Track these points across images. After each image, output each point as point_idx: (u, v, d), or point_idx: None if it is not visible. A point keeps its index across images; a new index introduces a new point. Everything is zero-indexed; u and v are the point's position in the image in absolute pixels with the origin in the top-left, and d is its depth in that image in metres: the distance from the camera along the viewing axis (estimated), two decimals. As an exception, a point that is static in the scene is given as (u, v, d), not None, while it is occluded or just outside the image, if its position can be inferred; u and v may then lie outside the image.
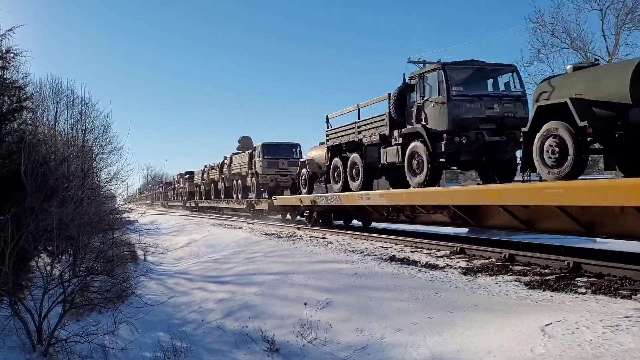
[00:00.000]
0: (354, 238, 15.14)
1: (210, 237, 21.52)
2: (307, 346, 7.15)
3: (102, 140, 17.42)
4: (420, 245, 12.49)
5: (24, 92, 10.59)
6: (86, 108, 16.61)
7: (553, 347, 4.89)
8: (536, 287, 7.45)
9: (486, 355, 5.27)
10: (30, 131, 10.81)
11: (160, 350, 8.07)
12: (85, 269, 9.50)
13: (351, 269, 10.11)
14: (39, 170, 8.64)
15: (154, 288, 12.99)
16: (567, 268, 8.38)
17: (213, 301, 10.67)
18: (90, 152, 16.11)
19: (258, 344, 7.65)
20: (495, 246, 11.15)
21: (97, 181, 16.90)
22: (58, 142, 14.13)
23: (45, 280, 7.92)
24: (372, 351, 6.39)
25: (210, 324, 9.33)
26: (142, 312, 9.30)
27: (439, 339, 6.01)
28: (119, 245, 13.22)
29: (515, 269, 8.93)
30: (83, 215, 9.97)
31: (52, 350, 7.52)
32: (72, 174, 12.68)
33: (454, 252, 11.09)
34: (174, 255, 19.03)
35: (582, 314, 5.60)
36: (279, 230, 20.19)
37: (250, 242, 17.03)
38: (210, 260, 15.85)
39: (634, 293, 6.61)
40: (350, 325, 7.28)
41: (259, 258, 13.78)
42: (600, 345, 4.70)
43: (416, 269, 9.54)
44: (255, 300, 9.81)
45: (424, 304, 7.24)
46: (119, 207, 16.23)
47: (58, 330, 7.76)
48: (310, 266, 11.13)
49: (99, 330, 8.08)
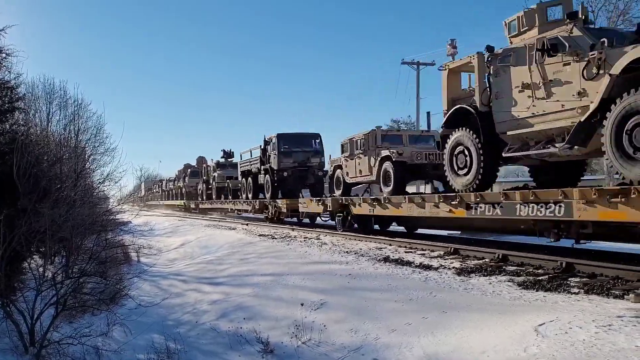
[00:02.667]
0: (348, 239, 15.14)
1: (204, 238, 21.46)
2: (301, 347, 7.15)
3: (95, 141, 17.26)
4: (414, 246, 12.51)
5: (16, 93, 10.56)
6: (79, 109, 16.48)
7: (546, 347, 4.91)
8: (529, 287, 7.48)
9: (480, 355, 5.28)
10: (22, 132, 10.76)
11: (154, 352, 8.04)
12: (78, 270, 9.45)
13: (345, 269, 10.11)
14: (31, 171, 8.61)
15: (148, 289, 12.94)
16: (560, 268, 8.42)
17: (207, 302, 10.64)
18: (83, 153, 16.00)
19: (252, 345, 7.64)
20: (489, 247, 11.20)
21: (90, 182, 16.80)
22: (51, 143, 14.05)
23: (38, 282, 7.87)
24: (367, 352, 6.39)
25: (205, 325, 9.30)
26: (135, 313, 9.27)
27: (433, 339, 6.02)
28: (112, 247, 13.16)
29: (509, 269, 8.97)
30: (76, 216, 9.92)
31: (45, 353, 7.48)
32: (64, 175, 12.60)
33: (447, 253, 11.12)
34: (168, 256, 18.96)
35: (575, 313, 5.63)
36: (273, 231, 20.17)
37: (244, 243, 17.00)
38: (204, 261, 15.81)
39: (626, 293, 6.64)
40: (344, 326, 7.28)
41: (253, 259, 13.75)
42: (593, 345, 4.72)
43: (410, 270, 9.55)
44: (250, 301, 9.79)
45: (418, 304, 7.26)
46: (112, 208, 16.16)
47: (51, 332, 7.71)
48: (304, 267, 11.13)
49: (92, 332, 8.05)
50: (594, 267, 8.04)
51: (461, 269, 9.20)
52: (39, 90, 16.27)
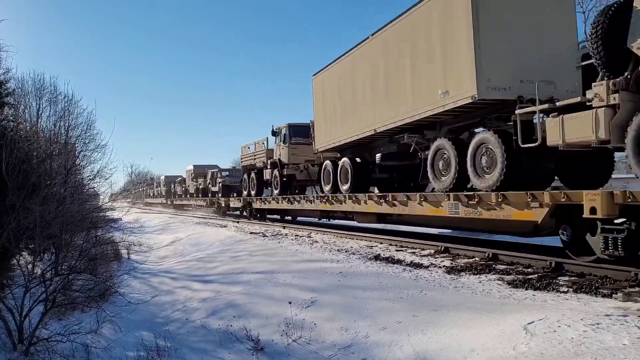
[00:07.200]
0: (339, 237, 15.17)
1: (195, 235, 21.40)
2: (291, 345, 7.15)
3: (85, 137, 17.07)
4: (405, 244, 12.56)
5: (6, 88, 10.45)
6: (69, 105, 16.28)
7: (535, 345, 4.95)
8: (519, 286, 7.54)
9: (470, 353, 5.32)
10: (11, 128, 10.66)
11: (144, 350, 8.00)
12: (68, 267, 9.37)
13: (336, 268, 10.12)
14: (20, 167, 8.54)
15: (138, 287, 12.88)
16: (550, 267, 8.49)
17: (197, 300, 10.61)
18: (74, 150, 15.83)
19: (243, 343, 7.63)
20: (479, 245, 11.26)
21: (80, 179, 16.65)
22: (40, 139, 13.88)
23: (27, 279, 7.82)
24: (357, 350, 6.41)
25: (195, 323, 9.28)
26: (125, 311, 9.21)
27: (423, 337, 6.05)
28: (102, 244, 13.06)
29: (499, 268, 9.02)
30: (66, 213, 9.83)
31: (34, 350, 7.43)
32: (54, 172, 12.48)
33: (438, 251, 11.17)
34: (158, 253, 18.86)
35: (564, 312, 5.68)
36: (264, 229, 20.17)
37: (235, 241, 16.97)
38: (194, 259, 15.77)
39: (614, 292, 6.71)
40: (335, 324, 7.29)
41: (244, 257, 13.73)
42: (581, 344, 4.77)
43: (401, 268, 9.58)
44: (240, 299, 9.77)
45: (409, 302, 7.28)
46: (102, 205, 16.03)
47: (39, 329, 7.66)
48: (295, 265, 11.13)
49: (81, 330, 7.99)
50: (583, 267, 8.11)
51: (451, 268, 9.24)
52: (28, 86, 16.06)
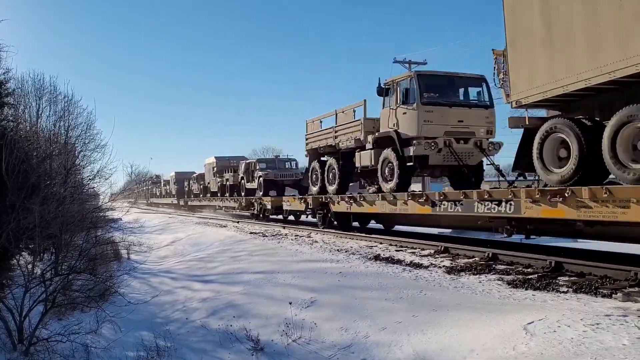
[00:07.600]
0: (339, 237, 15.15)
1: (195, 235, 21.38)
2: (291, 345, 7.15)
3: (85, 137, 17.06)
4: (405, 245, 12.55)
5: (5, 88, 10.45)
6: (69, 105, 16.28)
7: (535, 345, 4.95)
8: (519, 286, 7.54)
9: (469, 353, 5.32)
10: (11, 128, 10.66)
11: (144, 350, 8.00)
12: (68, 267, 9.37)
13: (336, 268, 10.12)
14: (20, 167, 8.53)
15: (138, 287, 12.87)
16: (549, 267, 8.49)
17: (197, 300, 10.60)
18: (73, 150, 15.83)
19: (243, 343, 7.62)
20: (479, 245, 11.26)
21: (80, 179, 16.64)
22: (40, 139, 13.88)
23: (27, 279, 7.82)
24: (357, 350, 6.41)
25: (195, 323, 9.27)
26: (125, 311, 9.21)
27: (422, 337, 6.05)
28: (102, 244, 13.06)
29: (499, 268, 9.02)
30: (65, 213, 9.84)
31: (34, 350, 7.42)
32: (54, 172, 12.48)
33: (438, 251, 11.17)
34: (158, 254, 18.85)
35: (564, 312, 5.68)
36: (264, 229, 20.17)
37: (235, 241, 16.96)
38: (194, 259, 15.76)
39: (614, 292, 6.71)
40: (334, 324, 7.29)
41: (244, 257, 13.72)
42: (581, 344, 4.76)
43: (401, 268, 9.58)
44: (240, 299, 9.77)
45: (408, 303, 7.28)
46: (102, 205, 16.03)
47: (39, 329, 7.66)
48: (295, 265, 11.12)
49: (81, 330, 7.99)
50: (583, 267, 8.11)
51: (451, 268, 9.24)
52: (28, 86, 16.05)
